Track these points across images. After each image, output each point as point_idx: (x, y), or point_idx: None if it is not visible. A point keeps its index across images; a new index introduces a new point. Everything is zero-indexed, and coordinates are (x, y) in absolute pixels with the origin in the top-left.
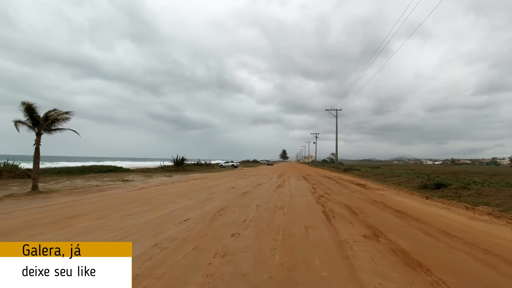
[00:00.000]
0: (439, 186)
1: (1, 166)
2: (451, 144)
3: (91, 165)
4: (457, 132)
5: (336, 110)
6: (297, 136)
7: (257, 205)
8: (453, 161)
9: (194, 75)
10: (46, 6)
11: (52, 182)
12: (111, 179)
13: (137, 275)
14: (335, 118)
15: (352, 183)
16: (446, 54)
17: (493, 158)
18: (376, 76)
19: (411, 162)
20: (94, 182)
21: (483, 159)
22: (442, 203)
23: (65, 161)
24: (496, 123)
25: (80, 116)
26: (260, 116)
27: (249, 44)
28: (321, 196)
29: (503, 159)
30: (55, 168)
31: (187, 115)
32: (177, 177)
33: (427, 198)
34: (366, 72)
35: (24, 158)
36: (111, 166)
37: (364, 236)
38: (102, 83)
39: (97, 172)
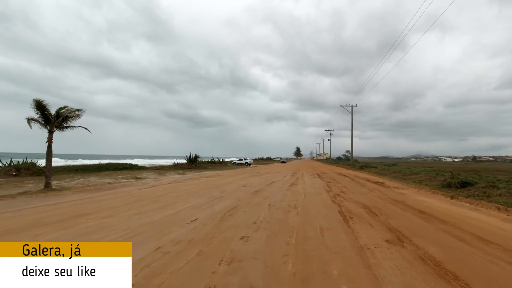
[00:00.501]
0: (464, 184)
1: (20, 164)
2: (472, 140)
3: (107, 163)
4: (478, 128)
5: (352, 106)
6: (311, 133)
7: (269, 205)
8: (474, 158)
9: (209, 73)
10: (67, 9)
11: (66, 180)
12: (124, 176)
13: (132, 285)
14: (350, 115)
15: (369, 181)
16: (467, 47)
17: None
18: (393, 71)
19: (429, 159)
20: (107, 180)
21: (507, 156)
22: (470, 203)
23: (86, 158)
24: None
25: (99, 115)
26: (274, 113)
27: (263, 41)
28: (337, 195)
29: None
30: (72, 166)
31: (201, 113)
32: (189, 174)
33: (452, 197)
34: (382, 67)
35: (43, 156)
36: (126, 163)
37: (387, 241)
38: (120, 83)
39: (112, 170)
